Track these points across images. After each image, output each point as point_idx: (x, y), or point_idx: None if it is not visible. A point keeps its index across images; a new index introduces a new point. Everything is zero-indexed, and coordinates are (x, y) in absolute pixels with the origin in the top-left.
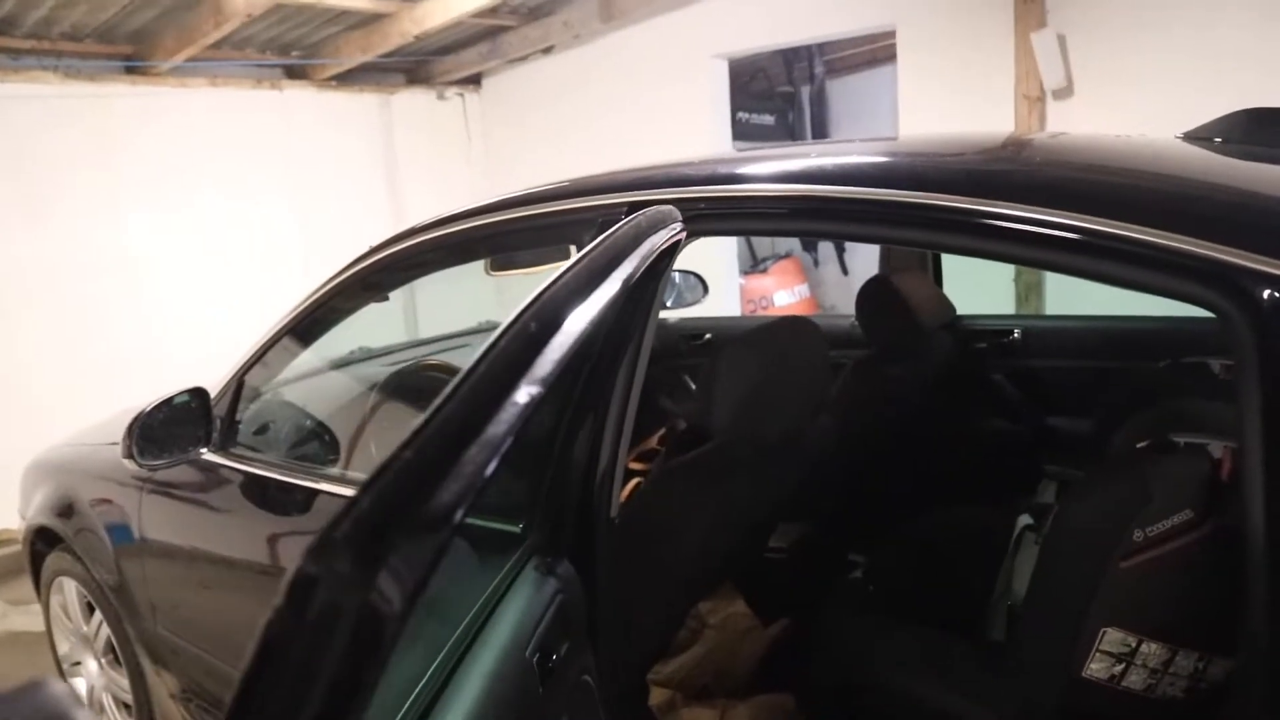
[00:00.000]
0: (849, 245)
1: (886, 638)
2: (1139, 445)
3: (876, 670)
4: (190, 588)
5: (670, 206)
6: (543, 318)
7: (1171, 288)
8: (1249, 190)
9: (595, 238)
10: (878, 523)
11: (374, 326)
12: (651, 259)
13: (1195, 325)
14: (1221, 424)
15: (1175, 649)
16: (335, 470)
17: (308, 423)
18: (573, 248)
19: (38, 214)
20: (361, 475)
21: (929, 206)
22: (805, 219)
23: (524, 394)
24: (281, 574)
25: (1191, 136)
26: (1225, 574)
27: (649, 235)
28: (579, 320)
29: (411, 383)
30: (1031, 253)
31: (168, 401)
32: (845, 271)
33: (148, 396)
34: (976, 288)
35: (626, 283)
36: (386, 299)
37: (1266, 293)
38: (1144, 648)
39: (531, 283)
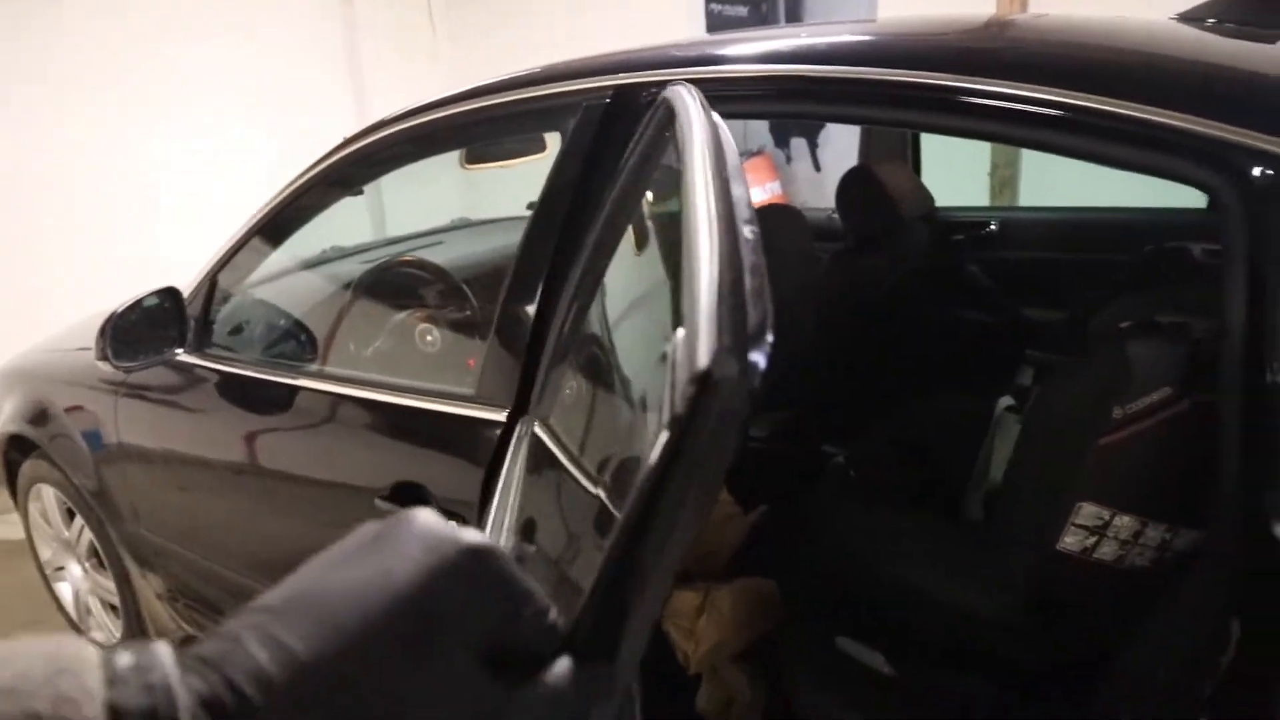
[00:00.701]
0: (822, 141)
1: (869, 520)
2: (1122, 325)
3: (861, 551)
4: (171, 489)
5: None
6: (721, 169)
7: (1162, 165)
8: (1243, 69)
9: (580, 122)
10: (856, 411)
11: (344, 226)
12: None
13: (1171, 215)
14: (1202, 305)
15: (1146, 521)
16: (313, 367)
17: (283, 321)
18: (557, 135)
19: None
20: (342, 371)
21: (916, 85)
22: (796, 100)
23: (749, 232)
24: (262, 472)
25: (1186, 17)
26: (1198, 449)
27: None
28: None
29: (387, 279)
30: (1021, 131)
31: (139, 303)
32: (818, 168)
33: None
34: (951, 182)
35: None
36: (360, 193)
37: (1258, 169)
38: (1116, 520)
39: (507, 176)
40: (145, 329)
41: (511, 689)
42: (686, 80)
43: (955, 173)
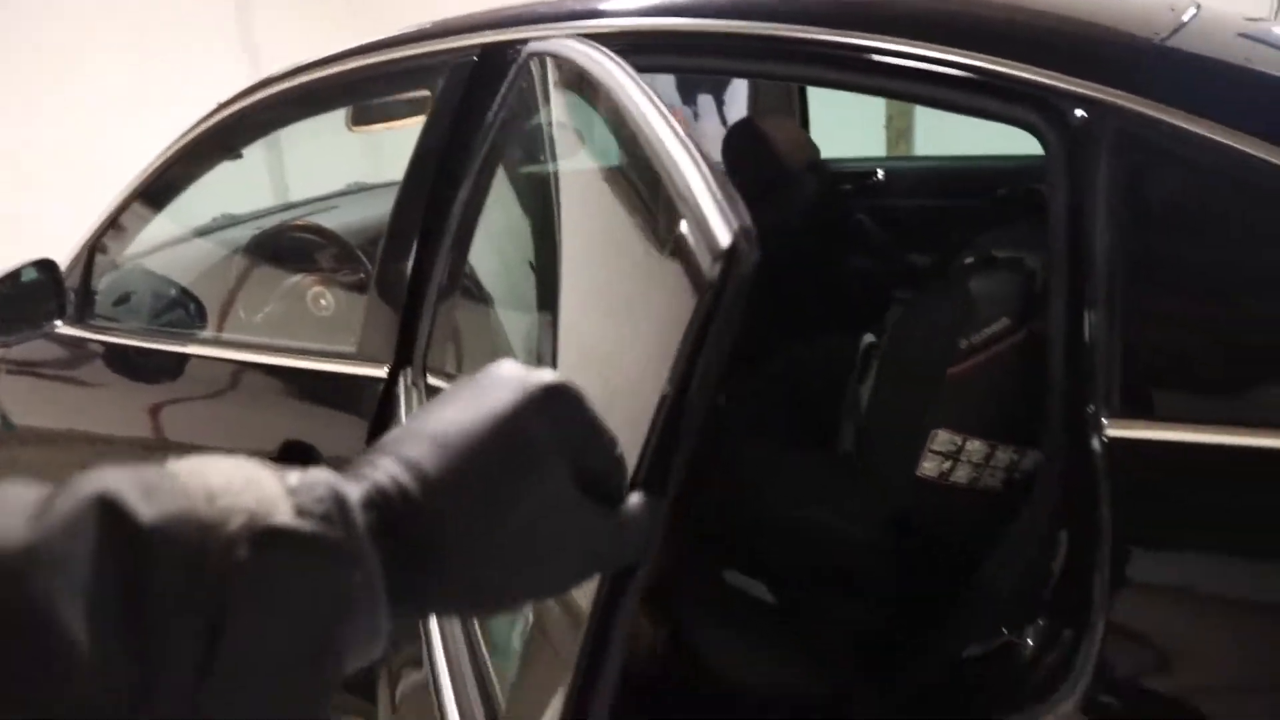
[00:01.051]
0: (728, 98)
1: (753, 457)
2: (965, 261)
3: (745, 487)
4: (65, 465)
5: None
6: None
7: (999, 111)
8: (1066, 16)
9: (448, 82)
10: (742, 356)
11: (244, 190)
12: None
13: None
14: (1039, 241)
15: (995, 445)
16: (203, 334)
17: (171, 290)
18: (427, 92)
19: None
20: (231, 337)
21: (744, 35)
22: (660, 54)
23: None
24: (151, 442)
25: None
26: (1035, 375)
27: None
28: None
29: (280, 244)
30: (865, 80)
31: (14, 275)
32: (724, 124)
33: None
34: (850, 134)
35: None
36: (240, 157)
37: (1076, 111)
38: (968, 445)
39: (397, 137)
40: (19, 303)
41: (602, 514)
42: (555, 36)
43: (853, 126)
